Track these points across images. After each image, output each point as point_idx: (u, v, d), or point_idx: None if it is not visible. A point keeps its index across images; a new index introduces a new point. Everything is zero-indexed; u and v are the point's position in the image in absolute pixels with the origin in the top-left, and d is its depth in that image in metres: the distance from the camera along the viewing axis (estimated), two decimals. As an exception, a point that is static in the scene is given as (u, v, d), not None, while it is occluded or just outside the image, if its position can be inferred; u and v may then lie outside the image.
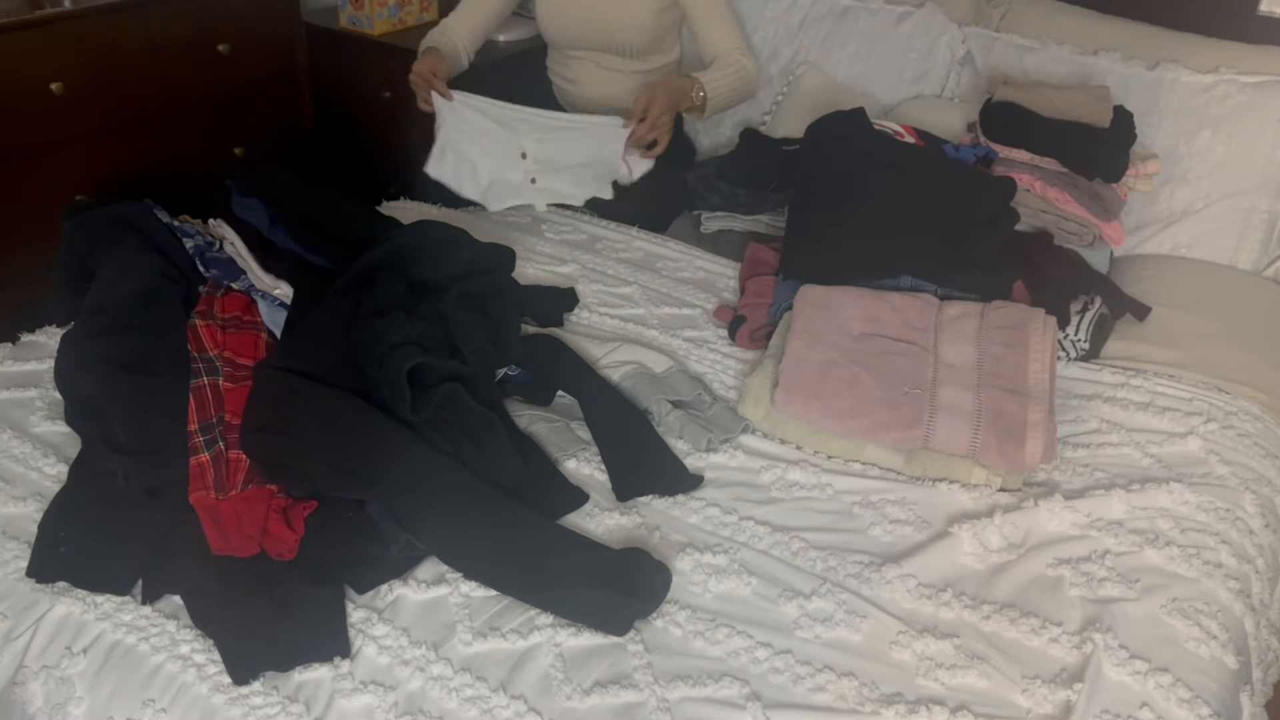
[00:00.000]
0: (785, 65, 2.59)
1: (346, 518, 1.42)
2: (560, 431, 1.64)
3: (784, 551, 1.44)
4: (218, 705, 1.22)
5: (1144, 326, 1.94)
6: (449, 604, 1.34)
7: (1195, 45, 2.29)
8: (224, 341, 1.63)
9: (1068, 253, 2.02)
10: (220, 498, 1.41)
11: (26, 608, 1.34)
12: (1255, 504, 1.56)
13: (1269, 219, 2.17)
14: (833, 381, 1.62)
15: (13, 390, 1.70)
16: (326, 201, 1.93)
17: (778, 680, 1.25)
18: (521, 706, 1.21)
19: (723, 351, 1.88)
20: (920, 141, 2.08)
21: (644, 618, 1.32)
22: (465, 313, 1.64)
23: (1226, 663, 1.31)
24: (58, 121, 2.36)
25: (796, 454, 1.63)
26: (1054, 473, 1.60)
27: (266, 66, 2.78)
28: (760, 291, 1.94)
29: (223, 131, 2.72)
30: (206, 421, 1.49)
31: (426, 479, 1.43)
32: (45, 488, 1.50)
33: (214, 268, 1.76)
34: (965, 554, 1.44)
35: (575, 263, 2.14)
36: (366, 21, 2.97)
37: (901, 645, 1.30)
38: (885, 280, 1.85)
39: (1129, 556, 1.44)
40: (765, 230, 2.22)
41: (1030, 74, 2.34)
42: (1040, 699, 1.24)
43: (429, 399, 1.50)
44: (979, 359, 1.66)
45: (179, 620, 1.31)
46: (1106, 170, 2.08)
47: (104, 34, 2.41)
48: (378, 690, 1.23)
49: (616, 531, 1.47)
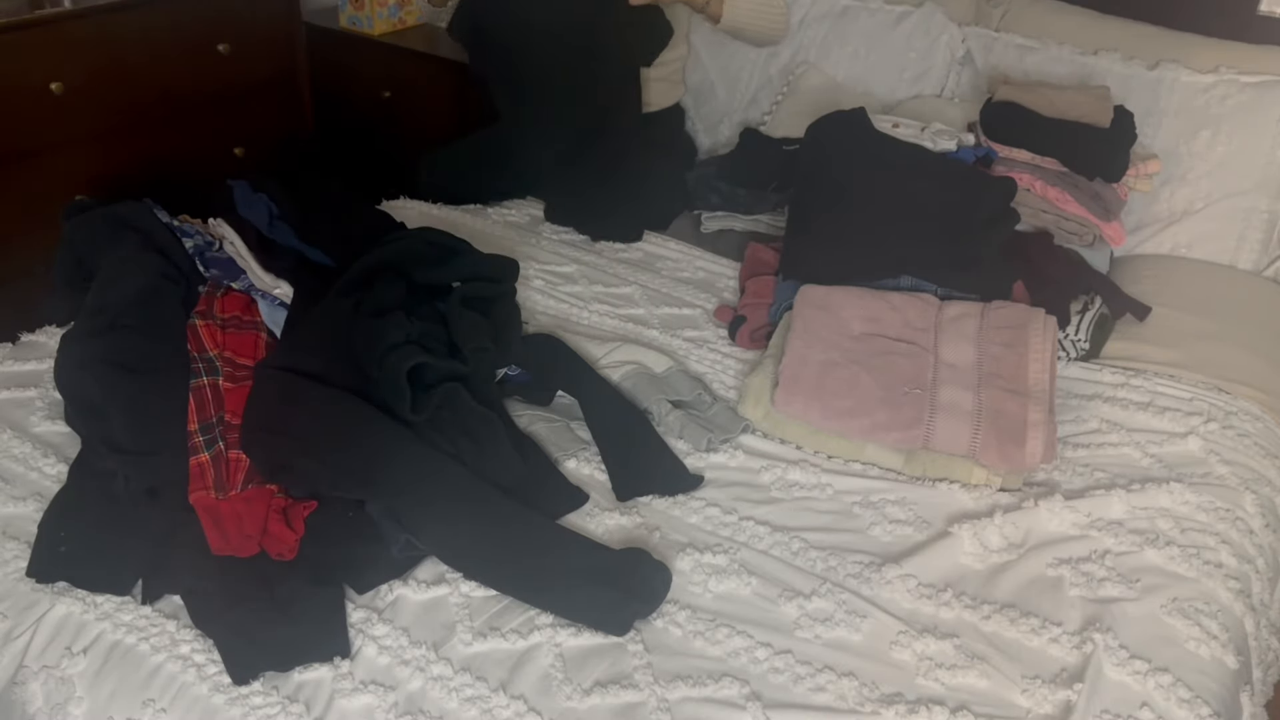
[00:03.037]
0: (785, 65, 2.59)
1: (346, 518, 1.42)
2: (560, 431, 1.64)
3: (784, 551, 1.44)
4: (218, 705, 1.22)
5: (1144, 326, 1.94)
6: (449, 604, 1.34)
7: (1195, 45, 2.29)
8: (224, 341, 1.63)
9: (1068, 253, 2.02)
10: (220, 498, 1.41)
11: (26, 608, 1.34)
12: (1255, 504, 1.56)
13: (1269, 219, 2.17)
14: (833, 381, 1.62)
15: (13, 390, 1.70)
16: (334, 197, 1.93)
17: (778, 680, 1.25)
18: (521, 706, 1.21)
19: (723, 351, 1.88)
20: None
21: (644, 618, 1.32)
22: (466, 313, 1.64)
23: (1226, 663, 1.31)
24: (58, 121, 2.36)
25: (796, 454, 1.63)
26: (1054, 473, 1.60)
27: (266, 66, 2.78)
28: (760, 291, 1.94)
29: (223, 131, 2.72)
30: (206, 421, 1.49)
31: (426, 479, 1.43)
32: (45, 488, 1.50)
33: (214, 267, 1.76)
34: (965, 554, 1.44)
35: (575, 263, 2.14)
36: (366, 21, 2.98)
37: (902, 645, 1.30)
38: (885, 280, 1.85)
39: (1129, 556, 1.44)
40: (765, 230, 2.22)
41: (1030, 74, 2.34)
42: (1040, 699, 1.24)
43: (429, 399, 1.50)
44: (979, 359, 1.66)
45: (179, 620, 1.31)
46: (1107, 170, 2.08)
47: (104, 34, 2.41)
48: (378, 690, 1.23)
49: (616, 531, 1.47)
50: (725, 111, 2.67)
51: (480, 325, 1.64)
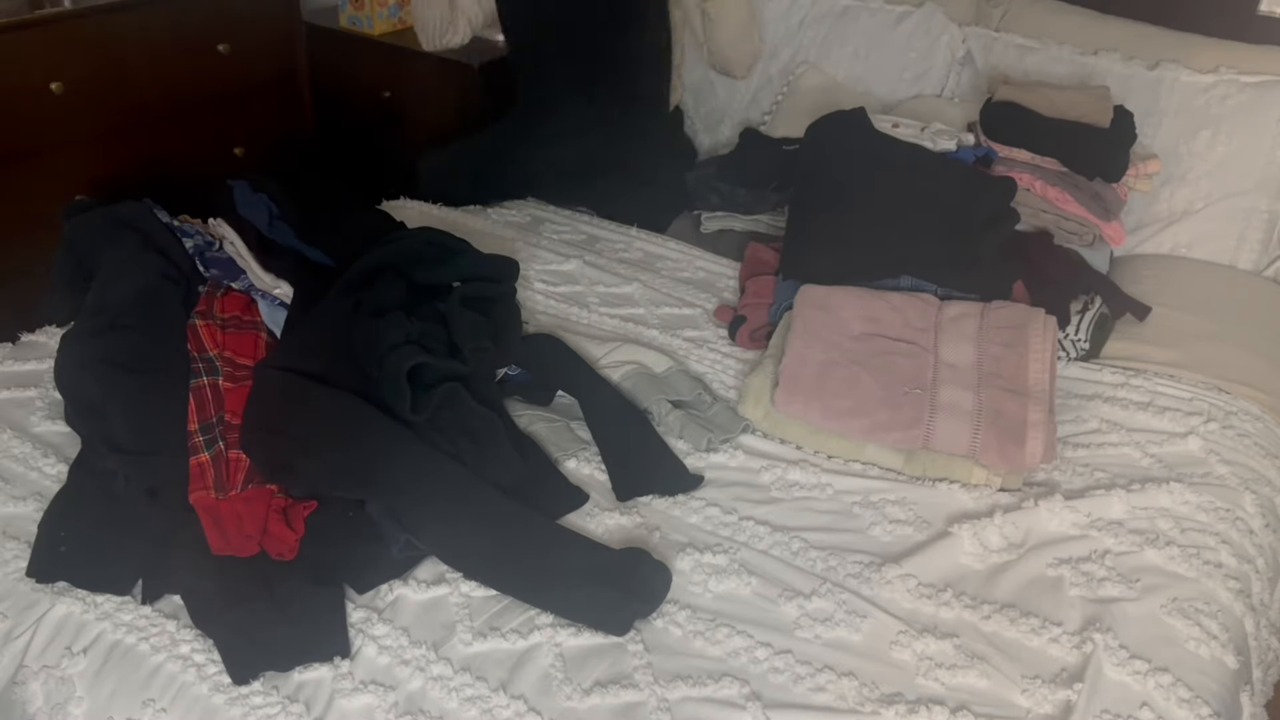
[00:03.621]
0: (785, 65, 2.59)
1: (346, 518, 1.42)
2: (560, 431, 1.64)
3: (784, 551, 1.44)
4: (218, 705, 1.22)
5: (1144, 326, 1.94)
6: (449, 604, 1.34)
7: (1195, 45, 2.29)
8: (224, 341, 1.63)
9: (1068, 252, 2.02)
10: (220, 498, 1.41)
11: (26, 608, 1.34)
12: (1255, 504, 1.56)
13: (1269, 219, 2.17)
14: (833, 381, 1.62)
15: (13, 390, 1.70)
16: (334, 197, 1.93)
17: (778, 680, 1.25)
18: (521, 706, 1.21)
19: (723, 351, 1.88)
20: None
21: (644, 618, 1.32)
22: (466, 312, 1.64)
23: (1226, 663, 1.31)
24: (58, 121, 2.36)
25: (796, 454, 1.63)
26: (1054, 473, 1.60)
27: (266, 66, 2.78)
28: (760, 292, 1.94)
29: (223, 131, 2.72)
30: (206, 421, 1.49)
31: (426, 479, 1.43)
32: (45, 488, 1.50)
33: (214, 267, 1.76)
34: (965, 554, 1.44)
35: (575, 262, 2.14)
36: (366, 21, 2.97)
37: (901, 645, 1.30)
38: (885, 280, 1.85)
39: (1129, 556, 1.44)
40: (765, 230, 2.22)
41: (1030, 74, 2.34)
42: (1040, 699, 1.24)
43: (429, 399, 1.50)
44: (979, 359, 1.66)
45: (179, 620, 1.31)
46: (1107, 170, 2.08)
47: (104, 34, 2.41)
48: (378, 690, 1.23)
49: (616, 531, 1.47)
50: (725, 111, 2.67)
51: (480, 325, 1.64)
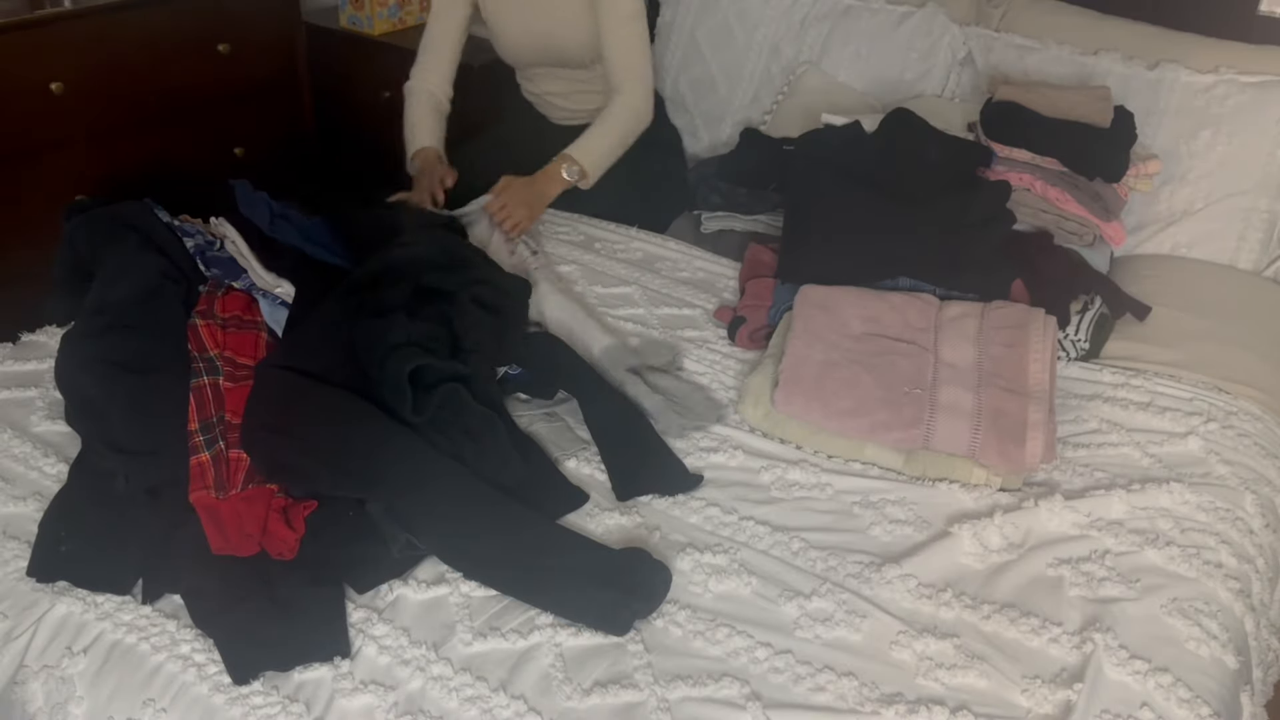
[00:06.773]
0: (786, 64, 2.59)
1: (346, 517, 1.42)
2: (560, 431, 1.64)
3: (784, 551, 1.44)
4: (218, 705, 1.22)
5: (1144, 326, 1.94)
6: (449, 604, 1.34)
7: (1195, 45, 2.29)
8: (224, 341, 1.63)
9: (1068, 253, 2.02)
10: (220, 497, 1.41)
11: (26, 608, 1.34)
12: (1255, 504, 1.56)
13: (1269, 219, 2.17)
14: (833, 381, 1.62)
15: (13, 390, 1.70)
16: (384, 220, 1.93)
17: (778, 680, 1.25)
18: (521, 706, 1.21)
19: (723, 351, 1.88)
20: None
21: (644, 617, 1.32)
22: (473, 308, 1.64)
23: (1227, 663, 1.31)
24: (58, 121, 2.36)
25: (796, 454, 1.63)
26: (1054, 473, 1.60)
27: (266, 66, 2.78)
28: (760, 293, 1.94)
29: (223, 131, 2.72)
30: (207, 421, 1.49)
31: (427, 479, 1.43)
32: (45, 488, 1.50)
33: (215, 267, 1.76)
34: (965, 554, 1.44)
35: (575, 263, 2.14)
36: (366, 21, 2.98)
37: (901, 645, 1.30)
38: (884, 282, 1.85)
39: (1129, 556, 1.44)
40: (765, 230, 2.21)
41: (1030, 74, 2.34)
42: (1040, 699, 1.24)
43: (430, 399, 1.50)
44: (979, 359, 1.66)
45: (179, 620, 1.31)
46: (1107, 170, 2.07)
47: (104, 34, 2.41)
48: (378, 690, 1.23)
49: (616, 531, 1.47)
50: (726, 108, 2.66)
51: (486, 321, 1.64)
